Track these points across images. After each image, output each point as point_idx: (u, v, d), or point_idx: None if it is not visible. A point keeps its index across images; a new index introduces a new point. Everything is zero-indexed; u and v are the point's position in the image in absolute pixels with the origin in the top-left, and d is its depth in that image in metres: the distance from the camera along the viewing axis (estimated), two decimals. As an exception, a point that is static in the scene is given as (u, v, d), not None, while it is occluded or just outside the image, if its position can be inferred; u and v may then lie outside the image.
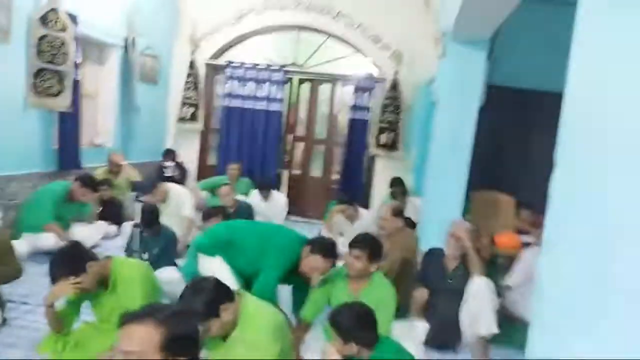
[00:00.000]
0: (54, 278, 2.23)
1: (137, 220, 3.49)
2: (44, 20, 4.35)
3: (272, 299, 2.82)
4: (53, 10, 4.42)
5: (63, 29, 4.52)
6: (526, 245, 4.27)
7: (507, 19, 2.69)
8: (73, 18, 4.67)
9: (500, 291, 3.44)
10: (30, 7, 4.28)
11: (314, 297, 2.88)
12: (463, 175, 3.48)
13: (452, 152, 3.43)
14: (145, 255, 3.21)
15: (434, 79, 4.43)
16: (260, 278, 2.91)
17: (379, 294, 2.70)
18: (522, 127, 5.25)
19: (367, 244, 2.74)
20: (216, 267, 2.87)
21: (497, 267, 4.54)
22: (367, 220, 4.48)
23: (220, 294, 1.95)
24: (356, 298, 2.75)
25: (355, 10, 6.27)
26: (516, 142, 5.25)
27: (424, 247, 3.67)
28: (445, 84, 3.30)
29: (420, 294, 3.11)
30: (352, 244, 2.75)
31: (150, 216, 3.57)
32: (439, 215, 3.56)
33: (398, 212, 3.68)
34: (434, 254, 3.18)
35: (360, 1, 6.25)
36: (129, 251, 3.31)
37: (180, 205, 4.69)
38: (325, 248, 2.86)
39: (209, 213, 3.90)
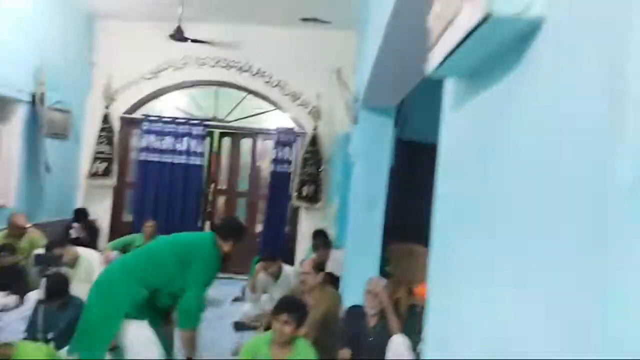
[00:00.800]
0: None
1: (40, 295, 3.21)
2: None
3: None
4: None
5: (-41, 86, 4.21)
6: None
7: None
8: (-29, 74, 4.39)
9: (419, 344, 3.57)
10: None
11: None
12: (378, 229, 3.65)
13: (368, 209, 3.60)
14: (50, 334, 2.96)
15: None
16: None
17: None
18: (431, 179, 5.61)
19: (296, 308, 2.72)
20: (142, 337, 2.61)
21: (416, 316, 4.72)
22: (290, 276, 4.48)
23: None
24: None
25: (274, 68, 6.49)
26: (427, 192, 5.59)
27: (347, 301, 3.75)
28: (359, 147, 3.50)
29: (343, 354, 3.14)
30: (280, 309, 2.70)
31: (58, 287, 3.32)
32: (360, 269, 3.67)
33: (320, 267, 3.73)
34: (355, 312, 3.25)
35: (278, 60, 6.48)
36: (31, 331, 3.03)
37: (90, 272, 4.43)
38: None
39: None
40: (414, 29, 2.00)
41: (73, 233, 5.73)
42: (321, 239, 5.50)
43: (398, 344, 2.87)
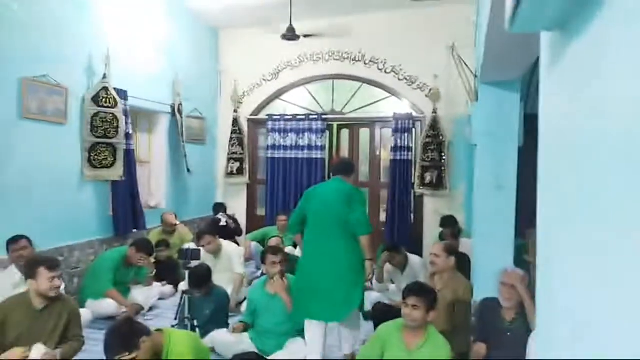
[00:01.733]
0: (108, 355, 2.31)
1: (185, 286, 3.56)
2: (96, 99, 4.72)
3: None
4: (104, 89, 4.79)
5: (114, 105, 4.87)
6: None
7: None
8: (122, 93, 5.03)
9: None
10: (83, 89, 4.66)
11: (364, 352, 2.82)
12: (510, 216, 3.34)
13: (497, 194, 3.31)
14: (196, 322, 3.27)
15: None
16: None
17: (435, 351, 2.63)
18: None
19: (425, 292, 2.70)
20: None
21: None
22: (417, 265, 4.36)
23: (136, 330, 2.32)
24: (411, 353, 2.68)
25: (387, 54, 6.36)
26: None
27: (477, 293, 3.52)
28: (481, 127, 3.23)
29: (478, 349, 2.95)
30: (409, 293, 2.69)
31: (200, 278, 3.65)
32: (491, 258, 3.41)
33: (451, 251, 3.55)
34: (489, 305, 3.03)
35: (390, 46, 6.33)
36: (180, 319, 3.38)
37: (231, 262, 4.82)
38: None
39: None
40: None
41: (222, 221, 6.29)
42: (450, 227, 5.26)
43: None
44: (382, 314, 3.61)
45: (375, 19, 6.30)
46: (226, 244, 5.03)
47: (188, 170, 6.26)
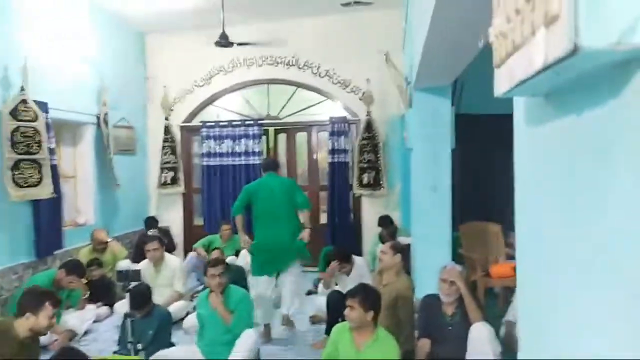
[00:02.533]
0: None
1: (126, 308, 3.41)
2: (14, 113, 4.37)
3: None
4: (23, 101, 4.45)
5: (34, 119, 4.53)
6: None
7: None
8: (43, 105, 4.70)
9: (501, 327, 3.44)
10: (-1, 102, 4.30)
11: (324, 354, 2.93)
12: (446, 215, 3.52)
13: (433, 195, 3.48)
14: (140, 345, 3.14)
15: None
16: None
17: (383, 349, 2.77)
18: (494, 151, 5.35)
19: (360, 293, 2.85)
20: None
21: (495, 297, 4.56)
22: (362, 268, 4.47)
23: None
24: (360, 353, 2.80)
25: (320, 58, 6.44)
26: (492, 167, 5.34)
27: (418, 289, 3.67)
28: (416, 132, 3.37)
29: (423, 345, 3.08)
30: (349, 295, 2.87)
31: (141, 299, 3.52)
32: (430, 256, 3.58)
33: (397, 249, 3.69)
34: (431, 301, 3.17)
35: (323, 50, 6.41)
36: (122, 344, 3.23)
37: (173, 278, 4.71)
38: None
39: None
40: (463, 6, 1.87)
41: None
42: (387, 228, 5.44)
43: (480, 332, 2.77)
44: (337, 301, 3.74)
45: (308, 24, 6.35)
46: (169, 257, 4.89)
47: (115, 184, 5.95)
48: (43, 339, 3.99)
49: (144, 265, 4.72)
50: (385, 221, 5.67)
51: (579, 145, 0.48)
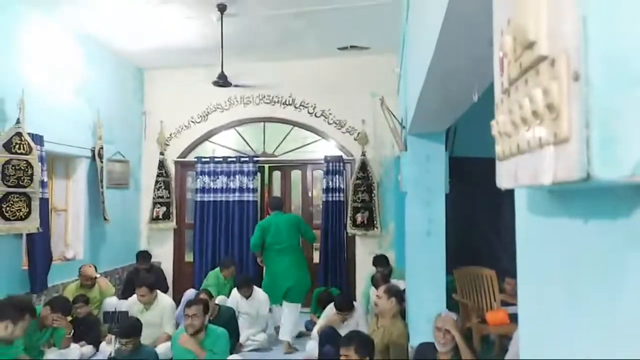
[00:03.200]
0: None
1: (112, 349, 3.32)
2: (8, 145, 4.35)
3: None
4: (17, 134, 4.44)
5: (28, 152, 4.51)
6: (514, 316, 4.24)
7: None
8: (38, 138, 4.69)
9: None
10: (-7, 135, 4.29)
11: None
12: (441, 260, 3.50)
13: (427, 240, 3.46)
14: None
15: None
16: None
17: None
18: (487, 194, 5.38)
19: (355, 341, 2.90)
20: None
21: (491, 345, 4.47)
22: (358, 313, 4.41)
23: None
24: None
25: (316, 99, 6.54)
26: (485, 211, 5.35)
27: (413, 335, 3.60)
28: (411, 176, 3.39)
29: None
30: (344, 343, 2.93)
31: (132, 330, 3.49)
32: (424, 300, 3.52)
33: (392, 292, 3.66)
34: (425, 350, 3.11)
35: (319, 91, 6.52)
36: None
37: (162, 318, 4.61)
38: None
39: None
40: (459, 61, 1.91)
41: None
42: (382, 267, 5.41)
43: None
44: (328, 336, 3.94)
45: (305, 65, 6.48)
46: (161, 296, 4.79)
47: (104, 219, 5.87)
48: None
49: (132, 301, 4.62)
50: (381, 261, 5.60)
51: (581, 251, 0.46)
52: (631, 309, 0.39)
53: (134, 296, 4.67)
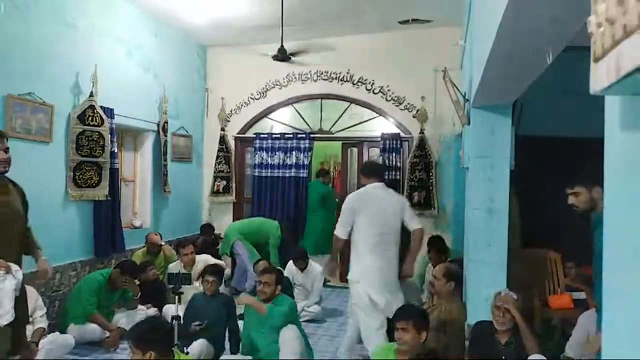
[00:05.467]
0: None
1: (174, 312, 3.49)
2: (82, 117, 4.63)
3: None
4: (91, 107, 4.70)
5: (100, 124, 4.78)
6: (577, 302, 4.04)
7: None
8: (109, 112, 4.95)
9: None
10: (69, 107, 4.57)
11: None
12: (503, 239, 3.35)
13: (489, 217, 3.33)
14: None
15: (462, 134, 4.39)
16: None
17: None
18: (554, 175, 5.09)
19: (415, 315, 2.78)
20: None
21: (552, 329, 4.29)
22: (412, 285, 4.39)
23: None
24: None
25: (375, 75, 6.43)
26: (552, 193, 5.06)
27: (471, 316, 3.51)
28: (473, 151, 3.26)
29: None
30: (398, 316, 2.79)
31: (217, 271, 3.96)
32: (485, 280, 3.41)
33: (451, 275, 3.59)
34: (484, 329, 3.03)
35: (378, 67, 6.40)
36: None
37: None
38: None
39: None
40: (530, 23, 1.79)
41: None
42: (438, 248, 5.28)
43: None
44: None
45: (363, 40, 6.38)
46: (200, 258, 5.15)
47: (165, 190, 6.12)
48: (95, 335, 4.19)
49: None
50: (436, 242, 5.47)
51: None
52: None
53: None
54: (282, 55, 5.38)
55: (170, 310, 4.21)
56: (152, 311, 4.93)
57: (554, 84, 4.99)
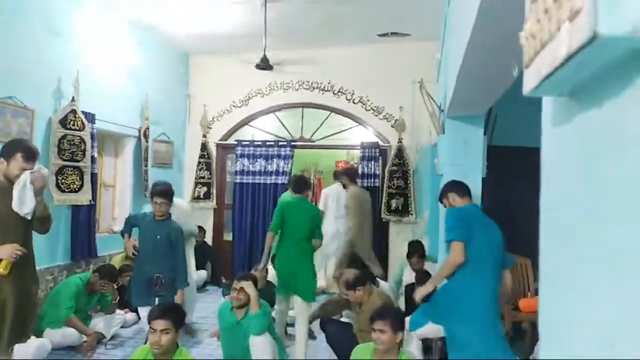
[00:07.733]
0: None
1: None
2: (63, 121, 4.64)
3: None
4: (72, 111, 4.72)
5: (81, 128, 4.79)
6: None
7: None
8: (90, 116, 4.96)
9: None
10: (50, 111, 4.57)
11: None
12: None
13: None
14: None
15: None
16: None
17: None
18: (525, 183, 5.29)
19: (391, 315, 2.78)
20: None
21: (522, 333, 4.44)
22: (387, 292, 4.46)
23: None
24: None
25: (355, 86, 6.60)
26: (523, 200, 5.26)
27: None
28: (447, 158, 3.40)
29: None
30: (375, 317, 2.78)
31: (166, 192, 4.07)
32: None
33: (353, 284, 3.54)
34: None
35: (358, 77, 6.57)
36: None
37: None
38: None
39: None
40: (497, 38, 1.94)
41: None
42: (417, 253, 5.37)
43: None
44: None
45: (344, 52, 6.54)
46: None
47: (145, 196, 6.12)
48: (72, 339, 4.15)
49: None
50: (415, 247, 5.56)
51: (601, 140, 0.52)
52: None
53: None
54: (265, 65, 5.49)
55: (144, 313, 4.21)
56: (130, 316, 4.92)
57: (526, 98, 5.21)
